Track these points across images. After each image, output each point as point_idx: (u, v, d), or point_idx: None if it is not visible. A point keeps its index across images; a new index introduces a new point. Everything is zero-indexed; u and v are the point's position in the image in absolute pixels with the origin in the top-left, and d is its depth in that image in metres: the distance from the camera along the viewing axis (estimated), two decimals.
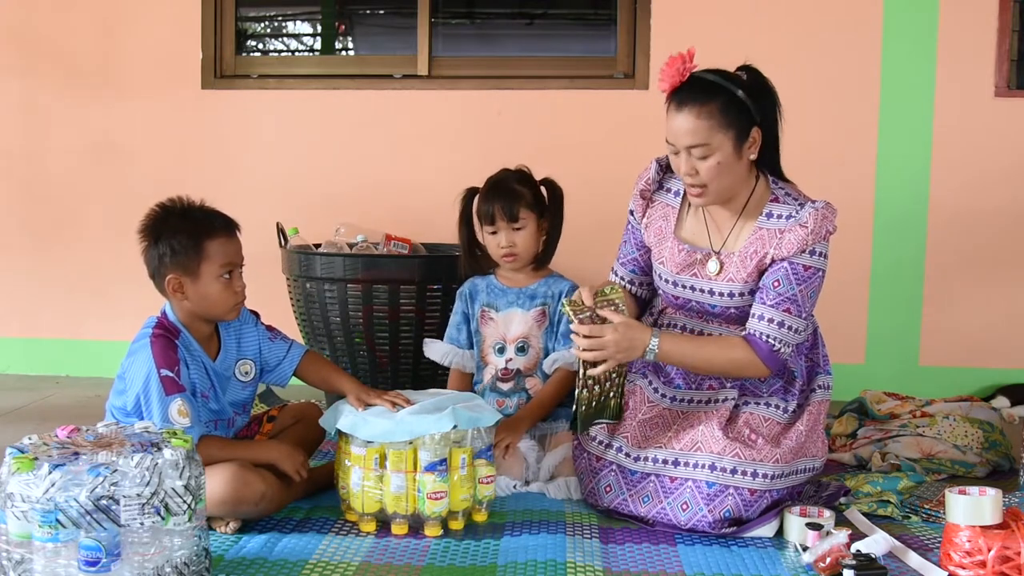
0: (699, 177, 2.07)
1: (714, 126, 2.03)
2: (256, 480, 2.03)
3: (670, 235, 2.24)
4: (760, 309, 2.11)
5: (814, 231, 2.06)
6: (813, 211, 2.07)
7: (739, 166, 2.08)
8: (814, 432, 2.20)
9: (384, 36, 4.41)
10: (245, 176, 3.72)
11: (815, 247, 2.08)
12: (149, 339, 2.05)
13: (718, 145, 2.04)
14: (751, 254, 2.13)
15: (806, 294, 2.09)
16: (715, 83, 2.05)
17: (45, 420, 3.06)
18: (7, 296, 3.88)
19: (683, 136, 2.05)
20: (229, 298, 2.11)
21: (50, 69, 3.80)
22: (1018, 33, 3.48)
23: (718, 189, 2.09)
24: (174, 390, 2.01)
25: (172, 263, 2.07)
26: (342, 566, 1.89)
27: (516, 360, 2.58)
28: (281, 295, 3.25)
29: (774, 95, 2.12)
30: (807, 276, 2.08)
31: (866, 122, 3.53)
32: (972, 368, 3.52)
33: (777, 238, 2.09)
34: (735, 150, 2.05)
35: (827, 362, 2.30)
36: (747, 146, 2.07)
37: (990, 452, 2.58)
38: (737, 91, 2.04)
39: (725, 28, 3.57)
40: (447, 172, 3.58)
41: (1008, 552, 1.77)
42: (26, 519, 1.59)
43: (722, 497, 2.03)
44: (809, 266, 2.08)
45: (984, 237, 3.51)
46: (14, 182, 3.86)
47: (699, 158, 2.05)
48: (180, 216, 2.10)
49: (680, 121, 2.05)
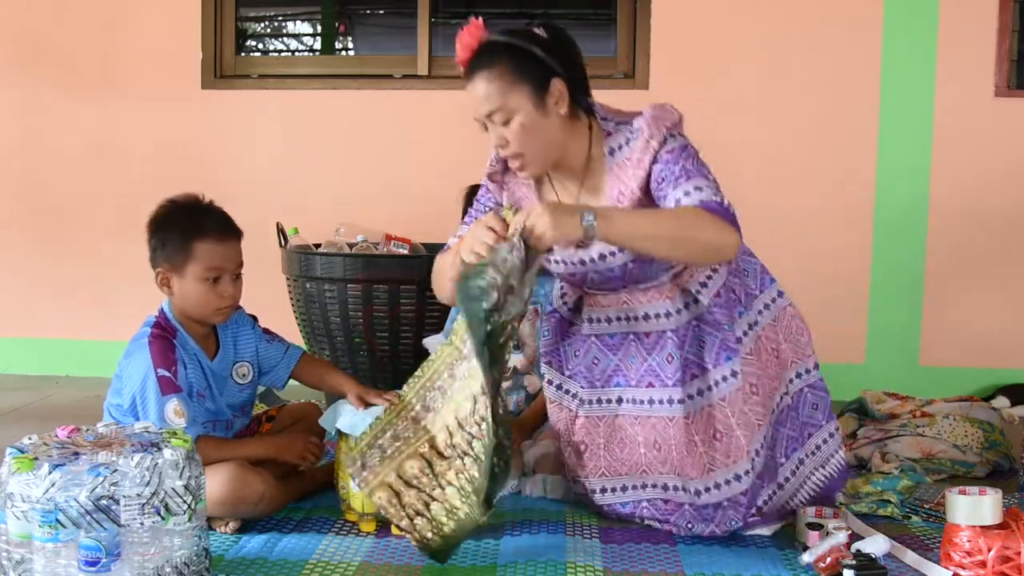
0: (511, 146, 1.96)
1: (505, 86, 1.92)
2: (255, 480, 2.03)
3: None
4: (671, 196, 1.90)
5: (654, 135, 1.93)
6: (643, 120, 1.96)
7: (548, 123, 1.96)
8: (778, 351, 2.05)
9: (384, 36, 4.41)
10: (245, 176, 3.72)
11: (666, 136, 1.94)
12: (147, 339, 2.05)
13: (516, 105, 1.93)
14: (618, 196, 1.99)
15: (693, 164, 1.92)
16: (500, 43, 1.95)
17: (45, 420, 3.06)
18: (7, 296, 3.88)
19: (480, 104, 1.96)
20: (212, 301, 2.09)
21: (50, 69, 3.80)
22: (1018, 33, 3.48)
23: (535, 153, 1.98)
24: (171, 390, 2.01)
25: (162, 257, 2.09)
26: (342, 566, 1.89)
27: (512, 358, 2.59)
28: (281, 295, 3.25)
29: (570, 43, 2.01)
30: (678, 155, 1.92)
31: (866, 122, 3.53)
32: (972, 368, 3.53)
33: (629, 166, 1.97)
34: (536, 107, 1.93)
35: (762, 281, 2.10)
36: (550, 100, 1.94)
37: (990, 452, 2.58)
38: (527, 45, 1.94)
39: (725, 28, 3.57)
40: (447, 172, 3.57)
41: (1008, 552, 1.77)
42: (26, 519, 1.59)
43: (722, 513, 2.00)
44: (672, 148, 1.93)
45: (984, 237, 3.51)
46: (14, 182, 3.86)
47: (502, 124, 1.95)
48: (180, 211, 2.12)
49: (474, 90, 1.96)
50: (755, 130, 3.57)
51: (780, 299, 2.11)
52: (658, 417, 2.03)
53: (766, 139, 3.57)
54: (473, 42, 1.97)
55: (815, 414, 2.12)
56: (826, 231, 3.55)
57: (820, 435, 2.12)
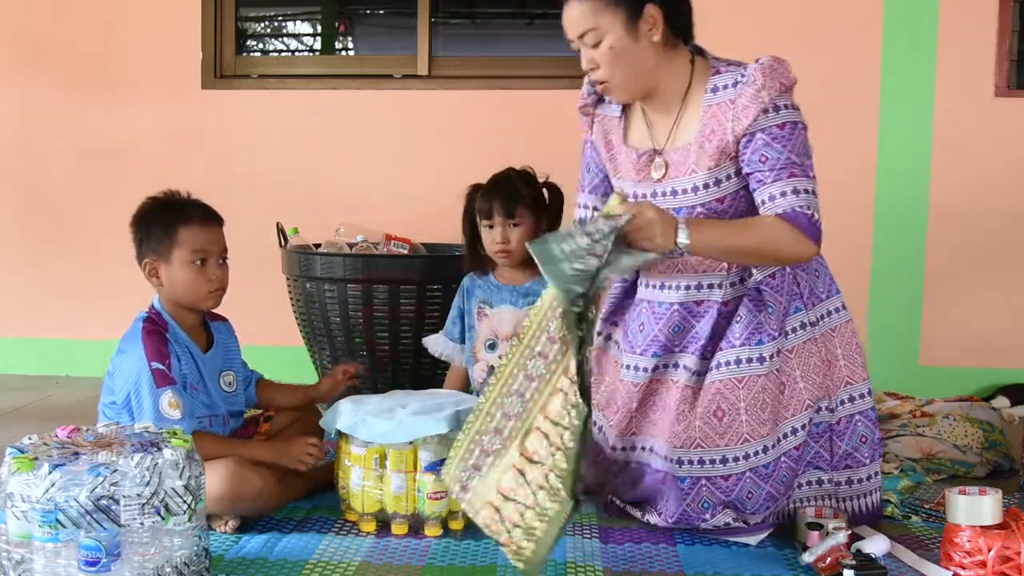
0: (600, 71, 1.96)
1: (598, 7, 1.91)
2: (254, 476, 2.03)
3: (620, 145, 2.12)
4: (764, 191, 1.89)
5: (767, 86, 1.90)
6: (759, 67, 1.92)
7: (639, 49, 1.95)
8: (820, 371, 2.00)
9: (384, 36, 4.41)
10: (245, 176, 3.72)
11: (777, 102, 1.90)
12: (140, 334, 2.07)
13: (607, 27, 1.92)
14: (708, 135, 1.95)
15: (798, 152, 1.90)
16: None
17: (45, 420, 3.06)
18: (7, 296, 3.88)
19: (572, 26, 1.95)
20: (201, 285, 2.13)
21: (50, 69, 3.80)
22: (1018, 33, 3.48)
23: (624, 79, 1.97)
24: (165, 382, 2.02)
25: (148, 248, 2.14)
26: (342, 566, 1.89)
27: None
28: (281, 295, 3.25)
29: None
30: (788, 134, 1.90)
31: (866, 122, 3.52)
32: (972, 368, 3.52)
33: (731, 109, 1.92)
34: (628, 31, 1.93)
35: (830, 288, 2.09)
36: (644, 26, 1.93)
37: (990, 452, 2.58)
38: None
39: (725, 28, 3.55)
40: (447, 172, 3.57)
41: (1008, 552, 1.77)
42: (26, 519, 1.59)
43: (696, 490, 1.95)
44: (784, 123, 1.90)
45: (984, 237, 3.51)
46: (14, 182, 3.86)
47: (592, 46, 1.94)
48: (161, 204, 2.18)
49: (568, 11, 1.95)
50: None
51: (843, 311, 2.11)
52: (663, 380, 2.04)
53: None
54: None
55: (861, 448, 2.06)
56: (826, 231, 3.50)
57: (858, 473, 2.07)
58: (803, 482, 2.05)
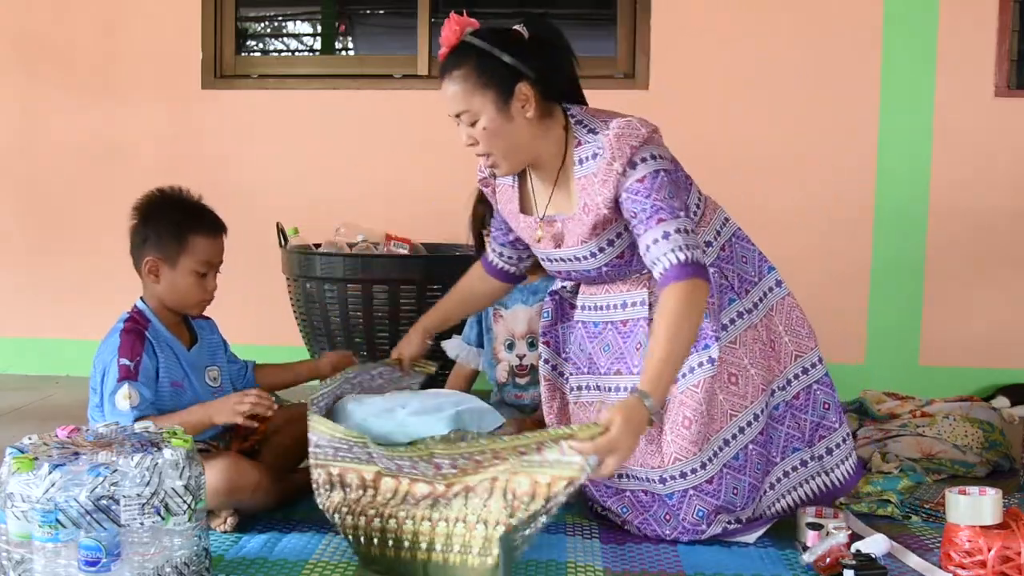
0: (479, 146, 1.98)
1: (468, 89, 1.92)
2: (250, 469, 2.05)
3: (517, 214, 2.14)
4: (642, 242, 1.91)
5: (617, 156, 1.90)
6: (607, 139, 1.92)
7: (513, 128, 1.95)
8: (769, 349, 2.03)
9: (384, 36, 4.41)
10: (245, 176, 3.72)
11: (633, 159, 1.90)
12: (120, 332, 2.08)
13: (479, 108, 1.93)
14: (585, 207, 1.97)
15: (663, 196, 1.89)
16: (470, 45, 1.94)
17: (45, 420, 3.06)
18: (7, 296, 3.88)
19: (448, 104, 1.96)
20: (198, 294, 2.15)
21: (50, 69, 3.80)
22: (1018, 33, 3.48)
23: (504, 154, 1.98)
24: (126, 376, 2.01)
25: (154, 246, 2.13)
26: (342, 566, 1.89)
27: (529, 356, 2.62)
28: (281, 295, 3.25)
29: (557, 41, 2.00)
30: (649, 185, 1.89)
31: (866, 122, 3.53)
32: (972, 368, 3.52)
33: (595, 182, 1.94)
34: (500, 112, 1.93)
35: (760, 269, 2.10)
36: (516, 104, 1.93)
37: (990, 452, 2.58)
38: (492, 50, 1.92)
39: (725, 28, 3.57)
40: (447, 172, 3.57)
41: (1008, 552, 1.77)
42: (26, 519, 1.59)
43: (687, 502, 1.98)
44: (643, 176, 1.89)
45: (984, 237, 3.51)
46: (14, 182, 3.86)
47: (469, 125, 1.96)
48: (174, 204, 2.17)
49: (444, 89, 1.96)
50: (755, 130, 3.57)
51: (778, 288, 2.11)
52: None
53: (766, 139, 3.57)
54: (452, 38, 1.96)
55: (827, 415, 2.08)
56: (826, 231, 3.55)
57: (833, 439, 2.08)
58: (788, 469, 2.06)
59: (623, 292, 2.08)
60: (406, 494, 1.84)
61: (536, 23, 2.00)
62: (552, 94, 1.98)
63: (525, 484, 1.72)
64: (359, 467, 1.91)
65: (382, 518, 1.83)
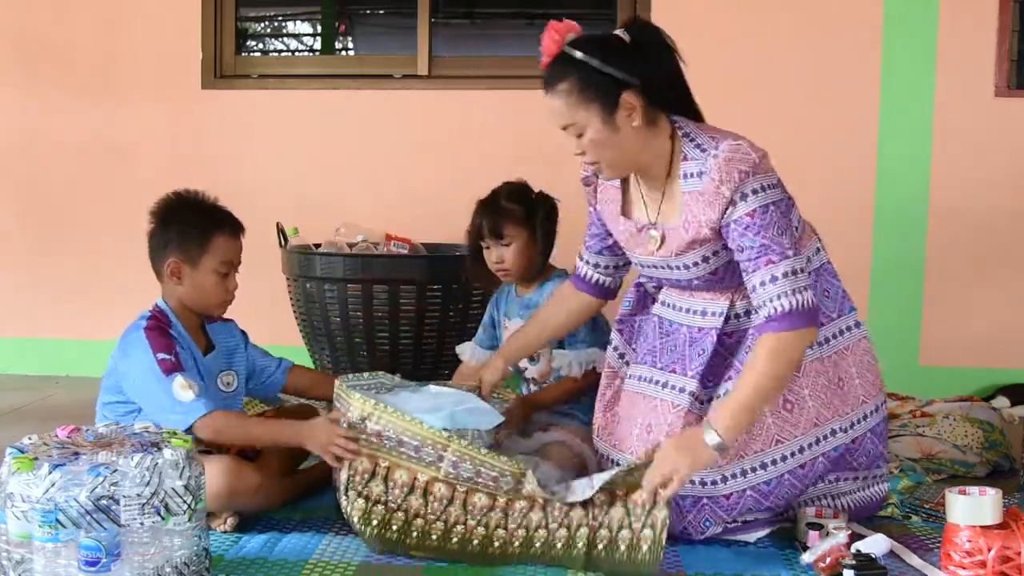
0: (587, 155, 1.97)
1: (573, 103, 1.90)
2: (250, 472, 2.04)
3: (618, 216, 2.13)
4: (749, 282, 1.90)
5: (725, 180, 1.88)
6: (715, 161, 1.89)
7: (620, 138, 1.93)
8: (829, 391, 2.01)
9: (384, 36, 4.41)
10: (245, 176, 3.72)
11: (743, 190, 1.87)
12: (143, 332, 2.07)
13: (584, 122, 1.91)
14: (688, 222, 1.96)
15: (772, 234, 1.87)
16: (570, 58, 1.91)
17: (45, 420, 3.05)
18: (7, 296, 3.88)
19: (553, 118, 1.95)
20: (220, 294, 2.17)
21: (50, 69, 3.80)
22: (1018, 33, 3.48)
23: (612, 163, 1.97)
24: (173, 369, 2.01)
25: (176, 248, 2.14)
26: (342, 566, 1.89)
27: (530, 369, 2.59)
28: (281, 295, 3.25)
29: (662, 47, 1.98)
30: (759, 221, 1.87)
31: (866, 121, 3.52)
32: (972, 368, 3.52)
33: (701, 201, 1.92)
34: (605, 123, 1.91)
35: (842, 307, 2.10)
36: (622, 114, 1.91)
37: (990, 452, 2.58)
38: (594, 61, 1.89)
39: (725, 28, 3.57)
40: (447, 172, 3.58)
41: (1008, 552, 1.77)
42: (26, 519, 1.59)
43: (698, 508, 1.99)
44: (752, 210, 1.87)
45: (984, 237, 3.51)
46: (14, 182, 3.86)
47: (576, 136, 1.94)
48: (193, 206, 2.18)
49: (548, 103, 1.94)
50: (755, 130, 3.53)
51: (856, 329, 2.11)
52: (661, 399, 2.05)
53: (766, 139, 3.53)
54: (552, 48, 1.93)
55: (866, 461, 2.11)
56: (826, 231, 3.51)
57: (862, 472, 2.13)
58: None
59: (706, 300, 2.09)
60: (464, 502, 1.94)
61: (638, 26, 1.98)
62: (658, 101, 1.96)
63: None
64: (415, 467, 1.94)
65: (438, 520, 1.93)
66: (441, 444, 1.94)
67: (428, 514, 1.93)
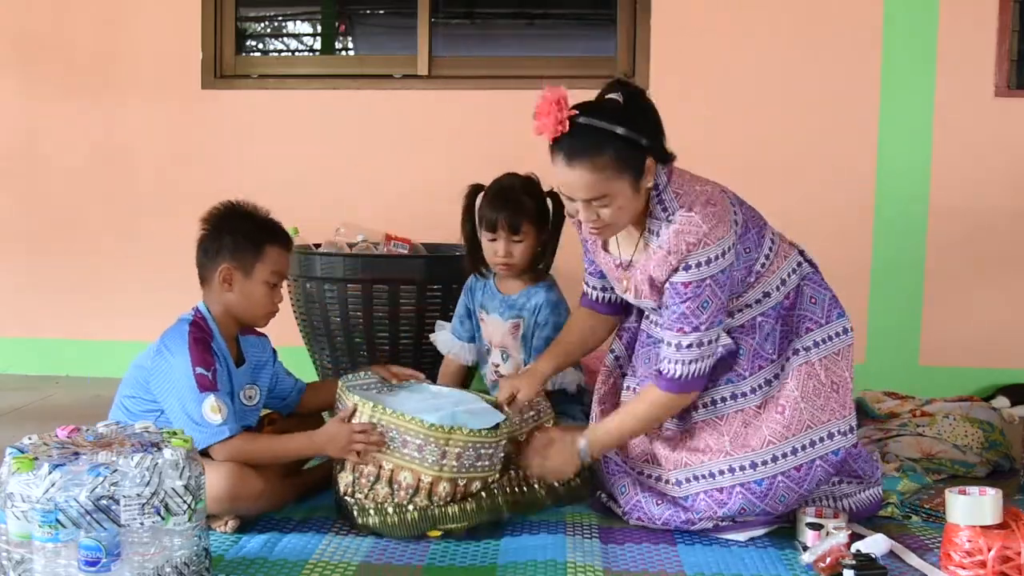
0: (600, 221, 1.96)
1: (610, 176, 1.89)
2: (254, 477, 2.04)
3: (599, 250, 2.18)
4: (662, 333, 2.03)
5: (673, 251, 1.94)
6: (667, 231, 1.96)
7: (639, 199, 1.97)
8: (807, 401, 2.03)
9: (384, 36, 4.41)
10: (245, 176, 3.72)
11: (687, 261, 1.94)
12: (187, 338, 2.07)
13: (618, 191, 1.92)
14: (643, 271, 2.04)
15: (696, 308, 1.95)
16: (602, 130, 1.88)
17: (45, 420, 3.05)
18: (7, 296, 3.88)
19: (580, 191, 1.92)
20: (267, 304, 2.20)
21: (50, 69, 3.80)
22: (1018, 33, 3.48)
23: (619, 226, 2.01)
24: (208, 388, 2.02)
25: (230, 255, 2.16)
26: (342, 566, 1.89)
27: (503, 366, 2.59)
28: None
29: (649, 105, 1.97)
30: (689, 293, 1.95)
31: (866, 122, 3.53)
32: (972, 368, 3.52)
33: (655, 258, 1.99)
34: (633, 190, 1.94)
35: (829, 314, 2.13)
36: (645, 181, 1.95)
37: (990, 452, 2.58)
38: (621, 131, 1.88)
39: (725, 28, 3.57)
40: (447, 172, 3.56)
41: (1008, 552, 1.77)
42: (26, 519, 1.59)
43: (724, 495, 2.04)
44: (688, 282, 1.94)
45: (984, 236, 3.51)
46: (14, 182, 3.86)
47: (600, 207, 1.93)
48: (247, 215, 2.22)
49: (574, 177, 1.90)
50: (755, 130, 3.57)
51: (845, 336, 2.14)
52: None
53: (766, 139, 3.57)
54: (562, 117, 1.88)
55: (868, 468, 2.17)
56: (826, 231, 3.54)
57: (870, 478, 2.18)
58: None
59: None
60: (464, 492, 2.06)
61: (623, 86, 1.95)
62: (664, 158, 1.98)
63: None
64: (418, 468, 2.00)
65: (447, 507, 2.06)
66: (443, 439, 1.98)
67: (436, 504, 2.02)
